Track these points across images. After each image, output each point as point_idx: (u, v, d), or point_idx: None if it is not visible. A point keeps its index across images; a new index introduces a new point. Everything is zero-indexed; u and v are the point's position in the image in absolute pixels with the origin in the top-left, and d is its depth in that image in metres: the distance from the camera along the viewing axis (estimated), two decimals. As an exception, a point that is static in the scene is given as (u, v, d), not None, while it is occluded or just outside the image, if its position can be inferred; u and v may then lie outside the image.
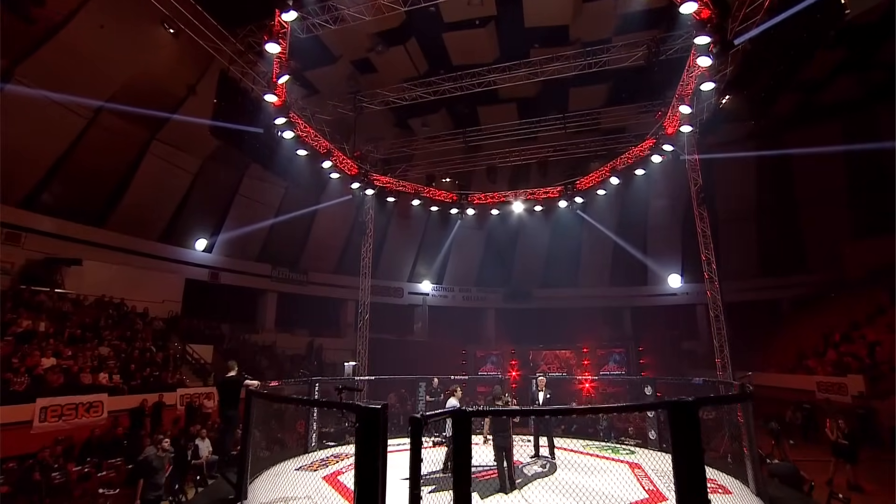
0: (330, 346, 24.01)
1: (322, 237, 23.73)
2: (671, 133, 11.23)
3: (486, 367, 25.12)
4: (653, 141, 12.26)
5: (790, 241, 23.14)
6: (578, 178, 14.80)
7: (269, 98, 10.14)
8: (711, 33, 7.64)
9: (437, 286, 28.62)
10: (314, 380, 10.57)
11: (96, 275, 16.15)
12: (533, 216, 16.46)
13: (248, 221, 20.24)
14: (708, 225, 13.17)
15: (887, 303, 18.09)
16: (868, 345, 16.04)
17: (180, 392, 14.24)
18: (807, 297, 22.37)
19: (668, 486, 7.80)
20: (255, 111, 10.40)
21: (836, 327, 18.43)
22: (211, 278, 20.35)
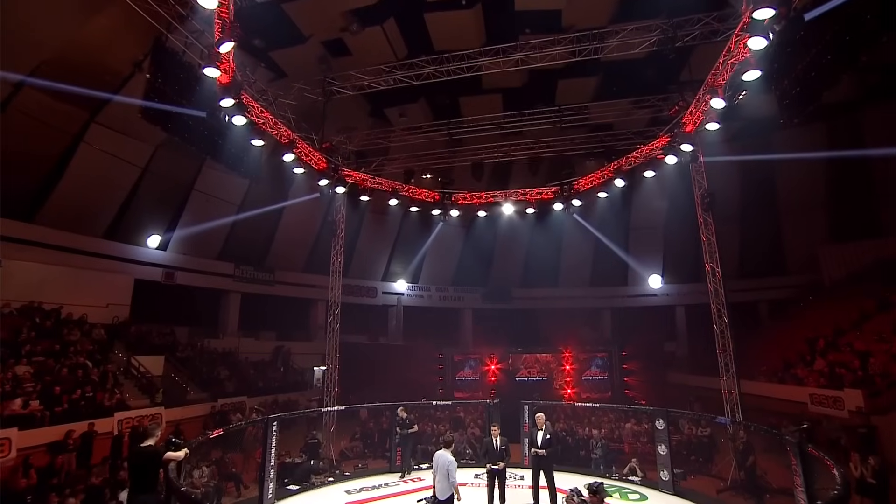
0: (299, 350, 21.82)
1: (290, 234, 21.42)
2: (690, 130, 9.67)
3: (463, 372, 23.46)
4: (666, 139, 10.67)
5: (770, 243, 22.28)
6: (576, 179, 13.12)
7: (210, 72, 7.96)
8: (777, 4, 6.04)
9: (412, 285, 26.72)
10: (271, 418, 8.53)
11: (23, 277, 13.53)
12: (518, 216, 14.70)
13: (208, 218, 17.79)
14: (713, 231, 11.73)
15: (872, 309, 17.31)
16: (858, 354, 15.10)
17: (119, 416, 11.95)
18: (786, 300, 21.58)
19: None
20: (198, 90, 8.22)
21: (819, 333, 17.55)
22: (165, 278, 17.84)
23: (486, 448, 7.93)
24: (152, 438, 5.33)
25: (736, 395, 11.05)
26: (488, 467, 7.69)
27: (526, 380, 22.57)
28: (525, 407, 10.80)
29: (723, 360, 11.48)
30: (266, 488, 8.13)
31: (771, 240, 22.18)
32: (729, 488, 10.16)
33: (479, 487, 8.93)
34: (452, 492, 6.41)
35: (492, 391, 22.43)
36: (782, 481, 10.25)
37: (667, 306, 24.97)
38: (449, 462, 6.51)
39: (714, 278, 11.87)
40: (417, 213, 14.59)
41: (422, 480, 9.70)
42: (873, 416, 12.76)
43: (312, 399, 19.53)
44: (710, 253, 11.85)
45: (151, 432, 5.36)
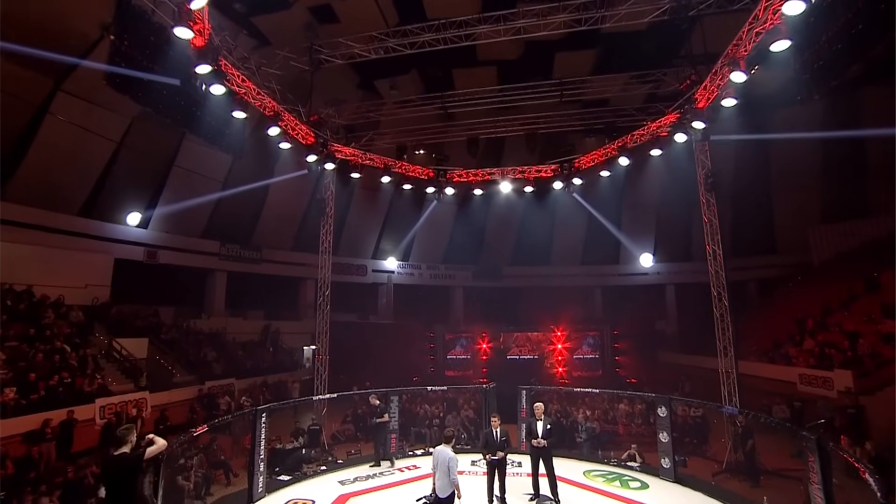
0: (287, 329, 21.25)
1: (277, 211, 20.54)
2: (702, 107, 9.05)
3: (455, 351, 23.21)
4: (675, 116, 10.05)
5: (762, 223, 22.06)
6: (576, 157, 12.47)
7: (181, 33, 7.05)
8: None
9: (402, 263, 26.14)
10: (259, 410, 8.00)
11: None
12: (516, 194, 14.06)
13: (190, 195, 16.82)
14: (715, 213, 11.28)
15: (860, 289, 17.26)
16: (847, 335, 15.05)
17: (101, 402, 11.34)
18: (775, 280, 21.52)
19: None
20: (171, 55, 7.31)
21: (808, 313, 17.50)
22: (147, 257, 16.98)
23: (486, 439, 7.55)
24: (127, 445, 4.73)
25: (734, 378, 10.83)
26: (488, 458, 7.33)
27: (517, 358, 22.42)
28: (523, 392, 10.40)
29: (721, 344, 11.20)
30: (256, 482, 7.67)
31: (763, 220, 21.95)
32: (725, 471, 10.05)
33: (477, 476, 8.61)
34: (453, 489, 6.01)
35: (484, 369, 22.30)
36: (776, 462, 10.20)
37: (657, 285, 24.83)
38: (450, 458, 6.09)
39: (715, 260, 11.48)
40: (410, 190, 13.82)
41: (417, 469, 9.34)
42: (862, 396, 12.75)
43: (303, 378, 19.11)
44: (712, 234, 11.43)
45: (125, 438, 4.74)
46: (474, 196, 14.23)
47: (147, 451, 4.67)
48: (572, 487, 7.87)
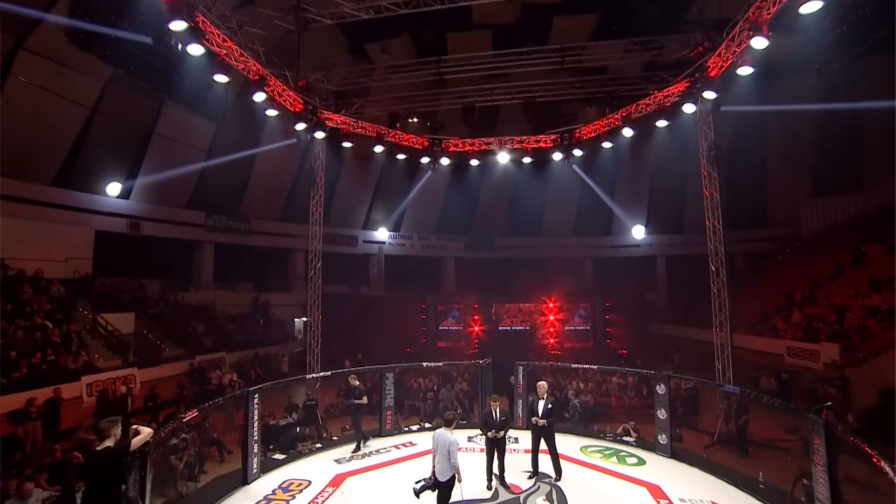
0: (278, 301, 20.86)
1: (265, 181, 19.74)
2: (715, 75, 8.52)
3: (447, 322, 23.13)
4: (685, 85, 9.52)
5: (754, 196, 21.90)
6: (577, 126, 11.91)
7: (149, -18, 6.27)
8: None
9: (394, 234, 25.65)
10: (251, 391, 7.70)
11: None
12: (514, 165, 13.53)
13: (173, 164, 15.94)
14: (717, 187, 10.96)
15: (848, 263, 17.33)
16: (835, 308, 15.17)
17: (87, 380, 10.96)
18: (765, 253, 21.55)
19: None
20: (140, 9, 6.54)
21: (797, 286, 17.58)
22: (130, 229, 16.26)
23: (486, 419, 7.41)
24: (110, 439, 4.39)
25: (728, 353, 10.80)
26: (489, 435, 7.21)
27: (509, 329, 22.46)
28: (519, 368, 10.26)
29: (717, 320, 11.11)
30: (250, 462, 7.46)
31: (755, 192, 21.77)
32: (716, 443, 10.15)
33: (474, 452, 8.52)
34: (454, 473, 5.84)
35: (476, 341, 22.32)
36: (764, 433, 10.33)
37: (648, 257, 24.79)
38: (450, 442, 5.90)
39: (714, 235, 11.24)
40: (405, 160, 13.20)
41: (414, 445, 9.24)
42: (847, 368, 12.92)
43: (294, 350, 18.89)
44: (713, 209, 11.15)
45: (107, 432, 4.39)
46: (468, 166, 13.65)
47: (132, 443, 4.35)
48: (570, 464, 7.81)
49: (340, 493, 7.11)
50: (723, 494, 6.95)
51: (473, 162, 13.13)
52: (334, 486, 7.35)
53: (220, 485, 7.36)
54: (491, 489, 7.14)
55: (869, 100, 16.62)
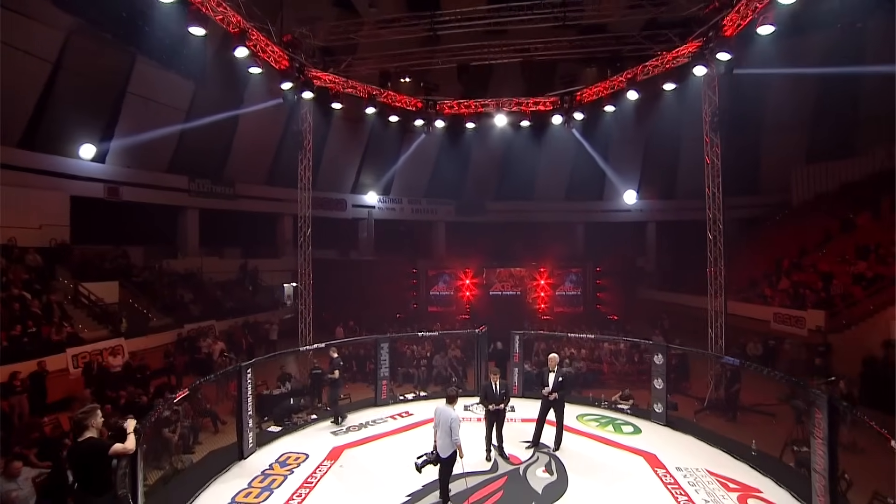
0: (266, 267, 20.44)
1: (249, 144, 18.82)
2: (730, 34, 7.95)
3: (438, 287, 22.98)
4: (696, 45, 8.95)
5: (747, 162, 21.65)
6: (578, 89, 11.30)
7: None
8: None
9: (383, 198, 25.04)
10: (244, 366, 7.44)
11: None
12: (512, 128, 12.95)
13: (150, 125, 14.94)
14: (719, 154, 10.63)
15: (835, 230, 17.42)
16: (821, 276, 15.32)
17: (73, 351, 10.60)
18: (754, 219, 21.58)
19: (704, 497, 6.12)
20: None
21: (785, 253, 17.69)
22: (109, 194, 15.46)
23: (486, 392, 7.31)
24: (92, 429, 4.09)
25: (721, 323, 10.83)
26: (490, 408, 7.14)
27: (500, 294, 22.42)
28: (516, 337, 10.16)
29: (713, 288, 11.07)
30: (246, 437, 7.30)
31: (749, 158, 21.51)
32: (706, 408, 10.34)
33: (471, 422, 8.48)
34: (455, 449, 5.74)
35: (467, 306, 22.29)
36: (751, 398, 10.54)
37: (639, 222, 24.70)
38: (452, 419, 5.77)
39: (713, 203, 11.00)
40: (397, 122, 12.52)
41: (411, 415, 9.18)
42: (831, 334, 13.15)
43: (284, 317, 18.66)
44: (713, 176, 10.86)
45: (88, 422, 4.06)
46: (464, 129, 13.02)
47: (113, 448, 4.04)
48: (568, 433, 7.80)
49: (339, 466, 7.02)
50: (717, 462, 7.03)
51: (469, 125, 12.52)
52: (332, 459, 7.26)
53: (215, 459, 7.20)
54: (490, 460, 7.12)
55: (872, 64, 16.23)
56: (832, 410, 5.41)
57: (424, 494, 6.11)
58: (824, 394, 5.48)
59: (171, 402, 6.00)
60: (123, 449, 4.11)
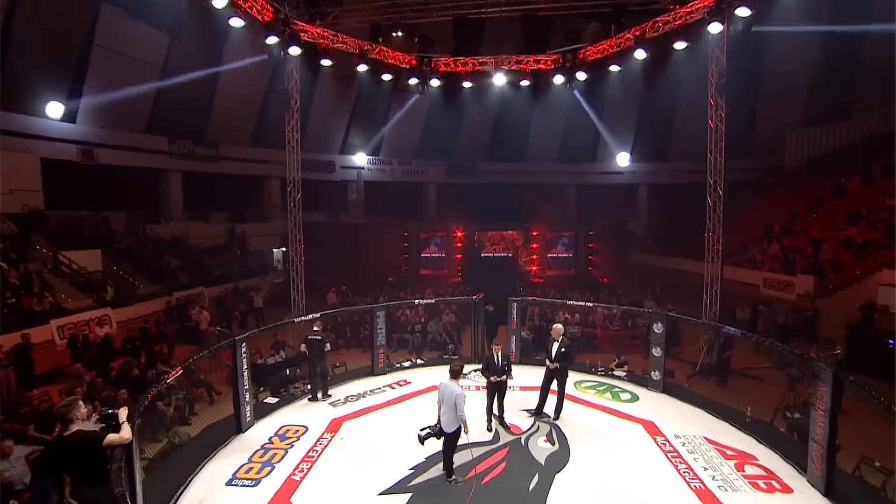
0: (254, 231, 19.87)
1: (232, 102, 17.74)
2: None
3: (429, 249, 22.73)
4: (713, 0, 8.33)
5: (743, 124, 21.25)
6: (582, 46, 10.62)
7: None
8: None
9: (372, 159, 24.24)
10: (238, 340, 7.16)
11: None
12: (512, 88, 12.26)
13: (123, 82, 13.87)
14: (723, 119, 10.25)
15: (827, 194, 17.38)
16: (812, 241, 15.37)
17: (57, 323, 10.19)
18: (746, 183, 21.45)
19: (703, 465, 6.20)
20: None
21: (776, 218, 17.68)
22: (83, 157, 14.55)
23: (487, 363, 7.19)
24: (78, 422, 3.80)
25: (717, 290, 10.82)
26: (492, 379, 7.06)
27: (491, 256, 22.31)
28: (513, 304, 10.02)
29: (709, 255, 10.98)
30: (243, 411, 7.14)
31: (745, 120, 21.10)
32: (697, 373, 10.50)
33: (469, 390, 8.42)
34: (460, 424, 5.65)
35: (459, 269, 22.17)
36: (741, 362, 10.73)
37: (631, 185, 24.43)
38: (457, 395, 5.65)
39: (715, 169, 10.71)
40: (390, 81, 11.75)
41: (408, 384, 9.11)
42: (818, 299, 13.32)
43: (275, 282, 18.32)
44: (716, 141, 10.51)
45: (71, 415, 3.74)
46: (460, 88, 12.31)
47: (107, 438, 3.77)
48: (567, 402, 7.78)
49: (339, 439, 6.93)
50: (714, 429, 7.11)
51: (466, 84, 11.81)
52: (332, 431, 7.16)
53: (213, 434, 7.06)
54: (491, 430, 7.10)
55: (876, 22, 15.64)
56: (836, 384, 5.38)
57: (428, 467, 6.06)
58: (829, 367, 5.43)
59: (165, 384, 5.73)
60: (119, 439, 3.86)
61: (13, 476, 6.06)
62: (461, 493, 5.49)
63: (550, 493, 5.50)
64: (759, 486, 5.68)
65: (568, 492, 5.50)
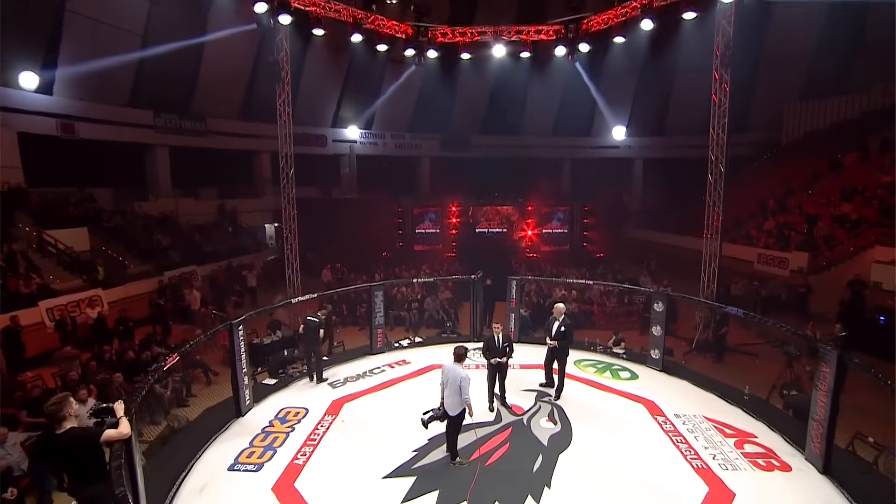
0: (245, 208, 19.41)
1: (218, 74, 16.99)
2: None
3: (423, 225, 22.47)
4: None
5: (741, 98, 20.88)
6: (585, 16, 10.16)
7: None
8: None
9: (365, 132, 23.65)
10: (235, 323, 6.97)
11: None
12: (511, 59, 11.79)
13: (101, 52, 13.12)
14: (727, 93, 9.97)
15: (823, 170, 17.32)
16: (806, 217, 15.37)
17: (45, 304, 9.91)
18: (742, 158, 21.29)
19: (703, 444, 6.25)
20: None
21: (771, 194, 17.63)
22: (63, 131, 13.89)
23: (487, 344, 7.11)
24: (71, 419, 3.62)
25: (715, 267, 10.79)
26: (492, 361, 6.99)
27: (486, 232, 22.14)
28: (513, 282, 9.91)
29: (709, 231, 10.90)
30: (242, 395, 7.02)
31: (743, 94, 20.75)
32: (693, 349, 10.58)
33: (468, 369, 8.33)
34: (464, 407, 5.59)
35: (454, 244, 21.99)
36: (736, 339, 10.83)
37: (626, 159, 24.15)
38: (461, 378, 5.57)
39: (717, 145, 10.50)
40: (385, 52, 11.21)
41: (408, 364, 9.03)
42: (811, 275, 13.42)
43: (267, 259, 18.03)
44: (719, 116, 10.26)
45: (62, 412, 3.54)
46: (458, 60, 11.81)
47: (105, 434, 3.60)
48: (568, 381, 7.76)
49: (341, 421, 6.86)
50: (713, 407, 7.15)
51: (464, 56, 11.33)
52: (333, 413, 7.09)
53: (213, 417, 6.95)
54: (493, 411, 7.08)
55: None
56: (840, 367, 5.37)
57: (431, 449, 6.02)
58: (835, 350, 5.40)
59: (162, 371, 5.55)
60: (119, 434, 3.69)
61: (10, 463, 5.94)
62: (466, 476, 5.46)
63: (555, 473, 5.50)
64: (758, 465, 5.72)
65: (572, 473, 5.50)
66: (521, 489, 5.22)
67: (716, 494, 5.16)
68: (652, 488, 5.24)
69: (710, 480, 5.38)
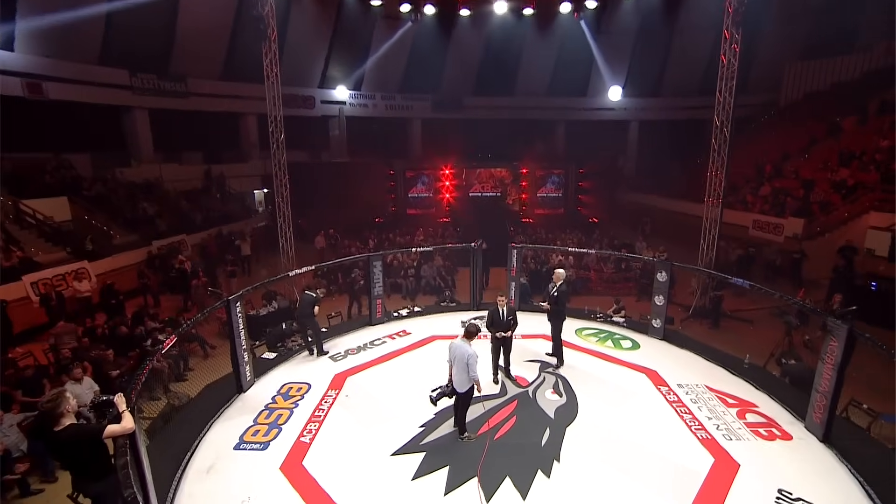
0: (233, 173, 18.66)
1: (196, 30, 15.77)
2: None
3: (416, 189, 21.96)
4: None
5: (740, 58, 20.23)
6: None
7: None
8: None
9: (354, 93, 22.60)
10: (232, 300, 6.67)
11: None
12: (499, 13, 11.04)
13: (61, 4, 11.97)
14: (737, 54, 9.51)
15: (821, 134, 17.05)
16: (802, 183, 15.23)
17: (30, 279, 9.47)
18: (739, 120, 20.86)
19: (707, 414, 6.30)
20: None
21: (768, 158, 17.40)
22: (30, 91, 12.90)
23: (492, 318, 6.95)
24: (67, 417, 3.39)
25: (715, 234, 10.67)
26: (497, 335, 6.87)
27: (480, 195, 21.77)
28: (513, 251, 9.70)
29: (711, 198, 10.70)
30: (243, 371, 6.83)
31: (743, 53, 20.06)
32: (690, 316, 10.64)
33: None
34: (472, 384, 5.49)
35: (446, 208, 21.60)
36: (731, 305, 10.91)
37: (621, 121, 23.57)
38: (469, 355, 5.43)
39: (723, 109, 10.12)
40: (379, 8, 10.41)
41: (409, 334, 8.88)
42: (806, 241, 13.43)
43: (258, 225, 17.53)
44: (727, 78, 9.84)
45: (60, 410, 3.30)
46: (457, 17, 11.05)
47: (107, 430, 3.39)
48: (569, 350, 7.78)
49: (345, 395, 6.75)
50: (714, 377, 7.19)
51: (464, 13, 10.57)
52: (336, 387, 6.97)
53: (214, 395, 6.77)
54: (497, 383, 7.02)
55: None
56: (849, 340, 5.33)
57: (438, 423, 5.96)
58: (844, 324, 5.34)
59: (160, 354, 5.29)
60: (122, 429, 3.48)
61: (9, 444, 5.77)
62: (475, 450, 5.42)
63: (563, 447, 5.49)
64: (760, 434, 5.78)
65: (580, 446, 5.49)
66: (531, 464, 5.20)
67: (721, 465, 5.20)
68: (660, 460, 5.26)
69: (715, 451, 5.42)
